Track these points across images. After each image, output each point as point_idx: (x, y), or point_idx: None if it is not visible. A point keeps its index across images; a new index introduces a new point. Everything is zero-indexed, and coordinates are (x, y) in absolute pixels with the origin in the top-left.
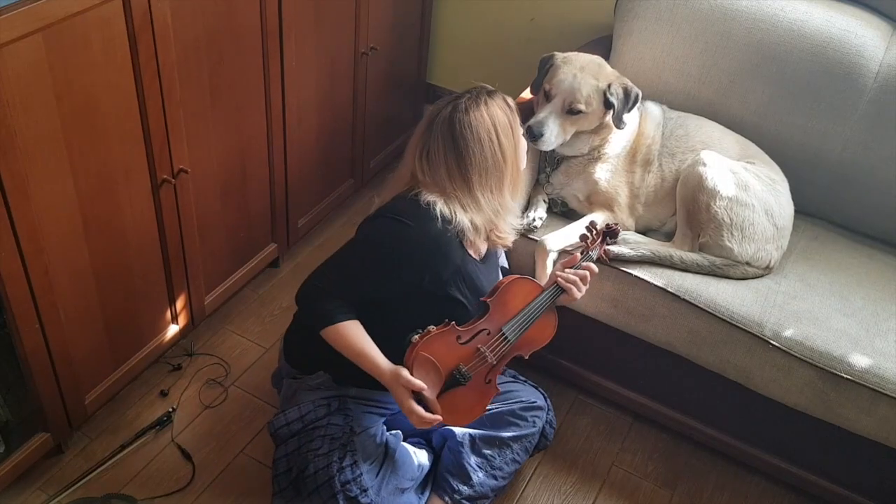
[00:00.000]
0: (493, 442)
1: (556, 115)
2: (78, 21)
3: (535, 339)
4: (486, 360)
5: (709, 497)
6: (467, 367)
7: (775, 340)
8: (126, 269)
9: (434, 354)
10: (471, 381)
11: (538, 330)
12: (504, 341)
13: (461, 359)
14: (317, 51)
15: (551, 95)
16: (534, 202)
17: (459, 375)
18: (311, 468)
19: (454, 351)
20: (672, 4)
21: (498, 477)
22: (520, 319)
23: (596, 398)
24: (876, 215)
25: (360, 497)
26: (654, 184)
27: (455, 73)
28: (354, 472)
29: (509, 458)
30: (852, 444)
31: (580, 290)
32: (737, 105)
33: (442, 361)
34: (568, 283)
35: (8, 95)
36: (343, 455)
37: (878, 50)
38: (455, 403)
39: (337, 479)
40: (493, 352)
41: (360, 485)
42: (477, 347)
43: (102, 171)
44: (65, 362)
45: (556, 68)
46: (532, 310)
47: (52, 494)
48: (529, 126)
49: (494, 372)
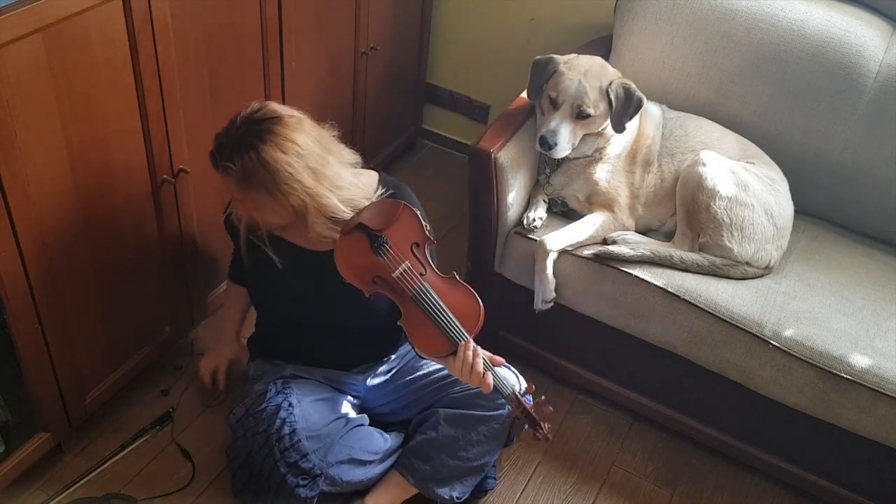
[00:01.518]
0: (458, 423)
1: (567, 121)
2: (78, 21)
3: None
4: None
5: (709, 497)
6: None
7: (775, 340)
8: (126, 269)
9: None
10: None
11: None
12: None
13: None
14: (317, 51)
15: (559, 103)
16: (534, 202)
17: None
18: (255, 446)
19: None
20: (672, 4)
21: (462, 458)
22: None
23: (596, 398)
24: (876, 215)
25: (300, 462)
26: (653, 184)
27: (455, 73)
28: (293, 440)
29: (474, 440)
30: (852, 444)
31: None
32: (737, 105)
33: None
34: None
35: (8, 95)
36: (281, 426)
37: (878, 50)
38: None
39: (276, 448)
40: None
41: (299, 450)
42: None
43: (102, 171)
44: (65, 362)
45: (560, 74)
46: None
47: (52, 494)
48: (543, 136)
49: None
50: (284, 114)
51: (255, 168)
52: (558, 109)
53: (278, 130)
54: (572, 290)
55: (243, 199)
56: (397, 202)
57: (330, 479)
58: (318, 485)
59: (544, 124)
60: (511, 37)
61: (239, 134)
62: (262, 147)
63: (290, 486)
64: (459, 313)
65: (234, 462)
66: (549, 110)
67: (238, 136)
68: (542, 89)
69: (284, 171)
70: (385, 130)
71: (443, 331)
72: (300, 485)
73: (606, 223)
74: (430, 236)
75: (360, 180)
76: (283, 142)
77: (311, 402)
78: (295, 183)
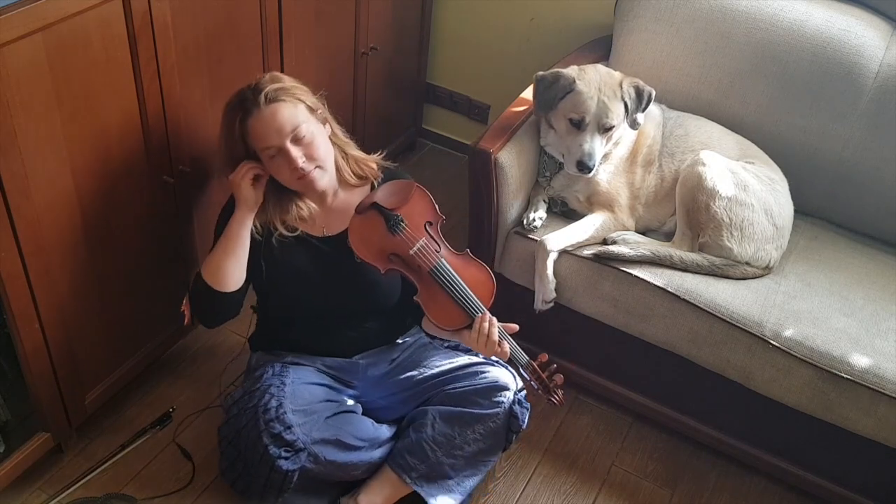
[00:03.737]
0: (453, 421)
1: (596, 139)
2: (78, 21)
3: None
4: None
5: (709, 497)
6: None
7: (775, 340)
8: (126, 269)
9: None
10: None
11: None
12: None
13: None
14: (317, 50)
15: (584, 123)
16: (534, 202)
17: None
18: (244, 420)
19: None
20: (672, 4)
21: (458, 457)
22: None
23: (596, 398)
24: (876, 215)
25: (283, 433)
26: (653, 184)
27: (455, 73)
28: (279, 412)
29: (470, 439)
30: (852, 444)
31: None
32: (737, 105)
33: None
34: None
35: (8, 95)
36: (269, 399)
37: (878, 50)
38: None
39: (262, 419)
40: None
41: (284, 422)
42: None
43: (102, 171)
44: (65, 362)
45: (578, 94)
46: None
47: (52, 494)
48: (580, 161)
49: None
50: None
51: (295, 86)
52: (584, 130)
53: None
54: (572, 290)
55: (301, 122)
56: (410, 182)
57: (313, 455)
58: (300, 459)
59: (574, 147)
60: (511, 37)
61: (266, 81)
62: (294, 83)
63: (272, 458)
64: (474, 287)
65: (224, 440)
66: (570, 131)
67: (268, 79)
68: (552, 106)
69: (312, 99)
70: (385, 130)
71: (459, 304)
72: (282, 456)
73: (607, 223)
74: (441, 215)
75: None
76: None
77: (304, 385)
78: (322, 112)
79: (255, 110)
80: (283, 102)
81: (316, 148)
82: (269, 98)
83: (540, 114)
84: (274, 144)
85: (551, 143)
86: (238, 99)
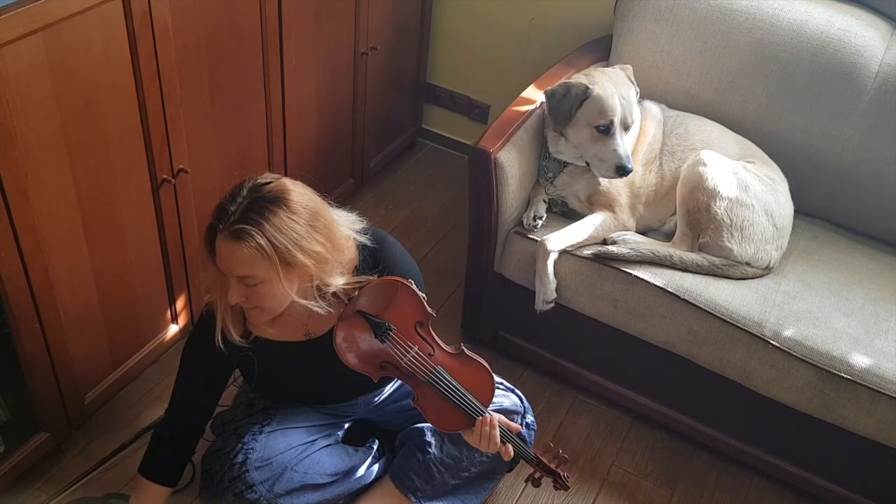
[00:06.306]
0: (461, 442)
1: (625, 139)
2: (78, 21)
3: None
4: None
5: (709, 497)
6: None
7: (775, 340)
8: (126, 269)
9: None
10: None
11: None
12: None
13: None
14: (317, 51)
15: (612, 128)
16: (534, 202)
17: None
18: (217, 465)
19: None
20: (672, 4)
21: (464, 479)
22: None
23: (596, 398)
24: (876, 215)
25: (245, 493)
26: (654, 182)
27: (455, 73)
28: (241, 469)
29: (478, 461)
30: (852, 444)
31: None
32: (737, 105)
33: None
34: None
35: (8, 95)
36: (238, 451)
37: (878, 50)
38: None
39: (227, 475)
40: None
41: (245, 481)
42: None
43: (102, 171)
44: (65, 362)
45: (598, 99)
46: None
47: (52, 494)
48: (621, 166)
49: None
50: (288, 183)
51: (276, 228)
52: (612, 134)
53: (287, 196)
54: (572, 290)
55: (253, 273)
56: (393, 282)
57: None
58: None
59: (607, 154)
60: (511, 37)
61: (247, 201)
62: (275, 210)
63: None
64: (474, 390)
65: (205, 473)
66: (597, 138)
67: (247, 203)
68: (569, 117)
69: (298, 232)
70: (385, 130)
71: (459, 408)
72: None
73: (607, 223)
74: (430, 310)
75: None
76: (294, 205)
77: (284, 431)
78: (312, 244)
79: (218, 234)
80: (245, 245)
81: (260, 297)
82: (233, 233)
83: (558, 128)
84: (221, 270)
85: (565, 151)
86: (219, 205)
